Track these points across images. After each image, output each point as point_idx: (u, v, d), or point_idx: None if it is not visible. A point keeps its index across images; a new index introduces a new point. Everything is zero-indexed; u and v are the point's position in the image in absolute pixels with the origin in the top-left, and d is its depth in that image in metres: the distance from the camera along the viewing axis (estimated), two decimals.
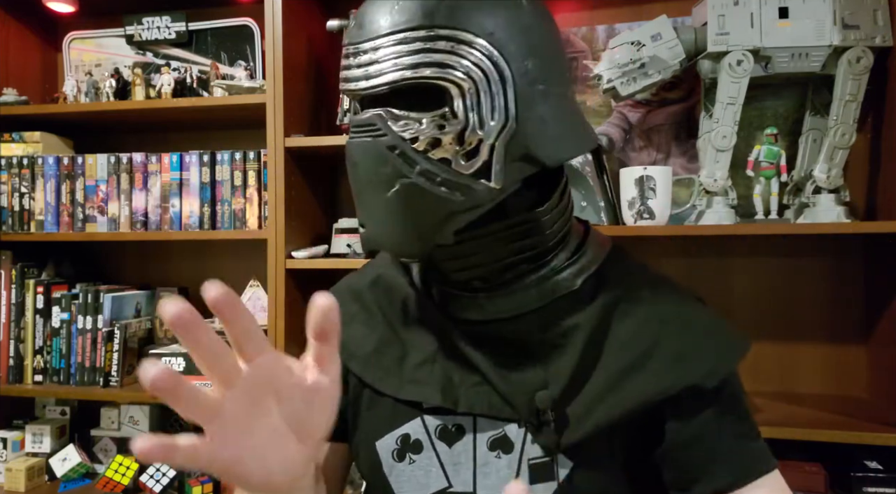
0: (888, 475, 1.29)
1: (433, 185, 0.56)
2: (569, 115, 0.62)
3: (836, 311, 1.52)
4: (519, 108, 0.57)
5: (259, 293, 1.63)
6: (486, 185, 0.57)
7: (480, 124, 0.56)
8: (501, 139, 0.57)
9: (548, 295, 0.63)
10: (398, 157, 0.57)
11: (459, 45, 0.55)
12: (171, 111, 1.64)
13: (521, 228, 0.61)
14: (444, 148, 0.56)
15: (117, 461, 1.63)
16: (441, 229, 0.58)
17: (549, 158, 0.59)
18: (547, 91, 0.59)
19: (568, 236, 0.66)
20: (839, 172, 1.35)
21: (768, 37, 1.34)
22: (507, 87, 0.56)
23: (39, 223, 1.73)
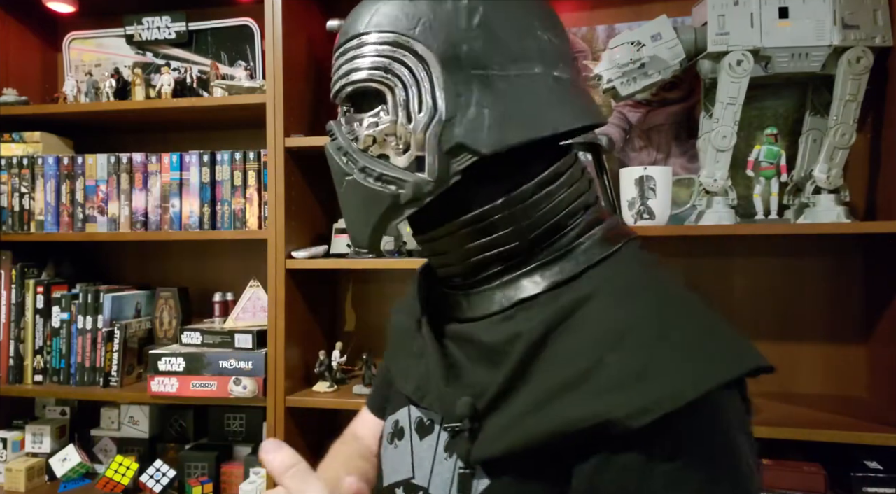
0: (888, 475, 1.29)
1: (371, 181, 0.59)
2: (524, 97, 0.58)
3: (836, 311, 1.52)
4: (447, 98, 0.57)
5: (259, 293, 1.64)
6: (421, 178, 0.57)
7: (408, 119, 0.58)
8: (431, 131, 0.57)
9: (509, 299, 0.60)
10: (344, 157, 0.62)
11: (383, 47, 0.58)
12: (171, 111, 1.64)
13: (480, 225, 0.59)
14: (381, 144, 0.59)
15: (117, 461, 1.63)
16: (384, 221, 0.60)
17: (486, 146, 0.56)
18: (488, 75, 0.57)
19: (558, 234, 0.60)
20: (839, 172, 1.35)
21: (768, 37, 1.34)
22: (433, 79, 0.57)
23: (39, 223, 1.73)
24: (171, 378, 1.56)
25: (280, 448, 0.50)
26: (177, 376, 1.56)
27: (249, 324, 1.62)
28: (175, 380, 1.56)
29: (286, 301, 1.51)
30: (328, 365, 1.56)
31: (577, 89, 0.62)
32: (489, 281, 0.61)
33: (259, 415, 1.74)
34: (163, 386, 1.56)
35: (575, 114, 0.60)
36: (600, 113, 0.64)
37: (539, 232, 0.59)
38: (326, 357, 1.57)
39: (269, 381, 1.51)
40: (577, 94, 0.62)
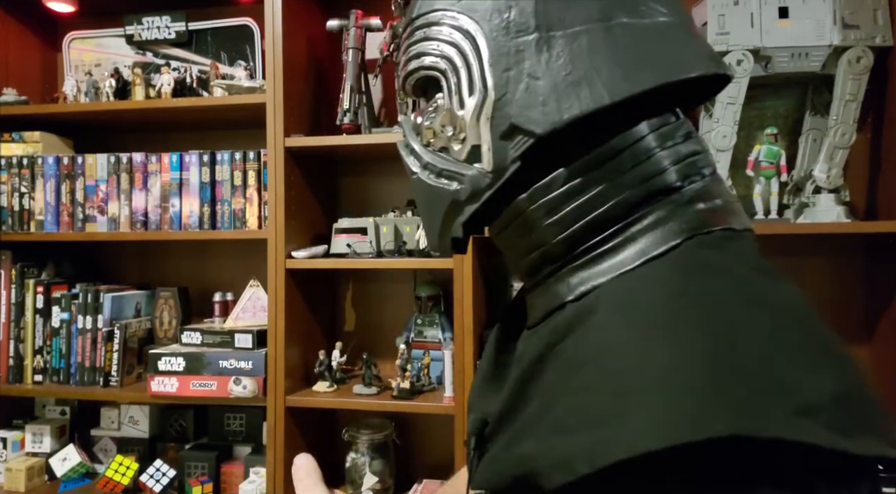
0: (888, 475, 1.29)
1: (434, 177, 0.53)
2: (591, 56, 0.46)
3: (836, 311, 1.52)
4: (496, 73, 0.48)
5: (259, 293, 1.64)
6: (479, 169, 0.50)
7: (461, 104, 0.50)
8: (483, 114, 0.49)
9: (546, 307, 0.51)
10: (410, 155, 0.56)
11: (430, 28, 0.52)
12: (171, 111, 1.64)
13: (517, 221, 0.52)
14: (440, 137, 0.53)
15: (117, 461, 1.63)
16: (447, 222, 0.53)
17: (539, 124, 0.46)
18: (544, 38, 0.47)
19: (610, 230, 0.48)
20: (839, 172, 1.35)
21: (768, 37, 1.34)
22: (481, 54, 0.49)
23: (39, 223, 1.73)
24: (171, 378, 1.56)
25: (307, 460, 0.58)
26: (177, 376, 1.56)
27: (249, 324, 1.62)
28: (175, 380, 1.56)
29: (286, 301, 1.51)
30: (328, 364, 1.56)
31: (681, 33, 0.48)
32: (539, 286, 0.53)
33: (259, 415, 1.74)
34: (163, 386, 1.56)
35: (668, 65, 0.46)
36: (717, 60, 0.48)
37: (576, 228, 0.48)
38: (326, 357, 1.57)
39: (269, 381, 1.51)
40: (677, 39, 0.48)
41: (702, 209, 0.46)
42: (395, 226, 1.54)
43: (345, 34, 1.57)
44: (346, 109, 1.52)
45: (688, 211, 0.46)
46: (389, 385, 1.52)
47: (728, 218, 0.47)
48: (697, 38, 0.49)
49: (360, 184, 1.80)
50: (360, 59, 1.56)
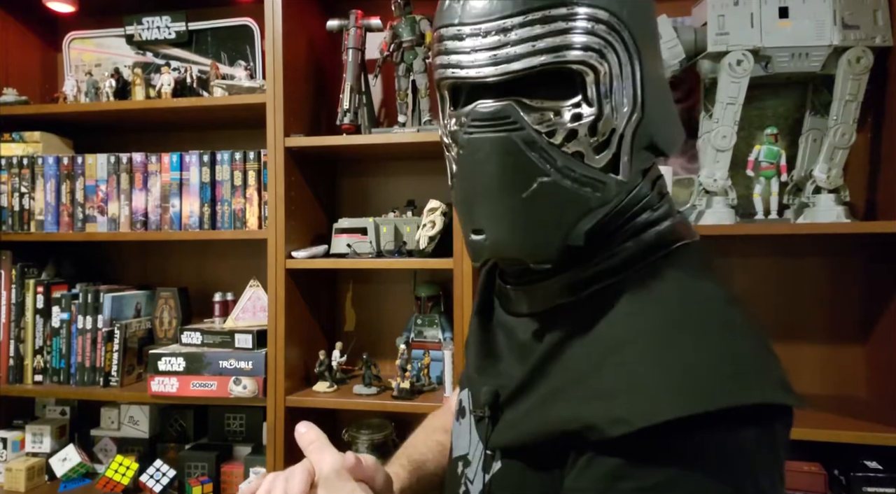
0: (888, 475, 1.29)
1: (571, 182, 0.52)
2: (669, 101, 0.59)
3: (835, 311, 1.52)
4: (646, 92, 0.53)
5: (259, 293, 1.63)
6: (615, 179, 0.53)
7: (614, 113, 0.51)
8: (630, 127, 0.52)
9: (548, 302, 0.58)
10: (536, 153, 0.52)
11: (598, 25, 0.50)
12: (171, 111, 1.64)
13: None
14: (580, 140, 0.51)
15: (117, 461, 1.63)
16: (574, 229, 0.53)
17: (670, 146, 0.56)
18: (659, 72, 0.56)
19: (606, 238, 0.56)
20: (839, 172, 1.35)
21: (768, 37, 1.34)
22: (635, 69, 0.52)
23: (39, 223, 1.73)
24: (171, 378, 1.56)
25: (310, 426, 0.59)
26: (177, 376, 1.56)
27: (249, 324, 1.62)
28: (175, 380, 1.56)
29: (286, 301, 1.51)
30: (328, 364, 1.56)
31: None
32: (535, 281, 0.59)
33: (259, 415, 1.74)
34: (163, 386, 1.56)
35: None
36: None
37: None
38: (326, 357, 1.57)
39: (269, 381, 1.51)
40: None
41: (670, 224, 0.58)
42: (395, 226, 1.54)
43: (345, 34, 1.57)
44: (345, 109, 1.52)
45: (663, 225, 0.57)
46: (389, 385, 1.52)
47: (690, 230, 0.60)
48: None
49: (360, 184, 1.80)
50: (360, 60, 1.56)
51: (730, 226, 1.38)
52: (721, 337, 0.49)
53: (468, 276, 1.40)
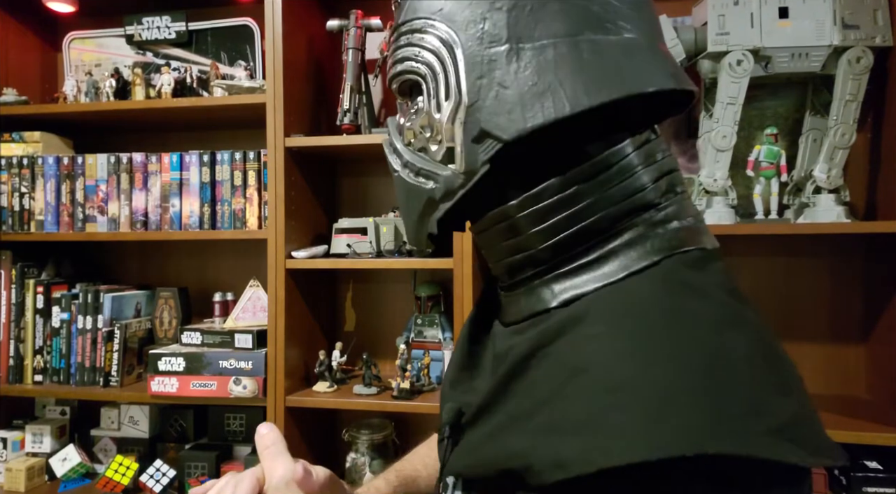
0: (888, 475, 1.29)
1: (413, 176, 0.57)
2: (551, 69, 0.49)
3: (835, 311, 1.52)
4: (469, 80, 0.51)
5: (259, 293, 1.63)
6: (453, 170, 0.53)
7: (438, 108, 0.53)
8: (457, 118, 0.52)
9: (527, 310, 0.54)
10: (393, 153, 0.59)
11: (413, 35, 0.55)
12: (171, 111, 1.64)
13: (502, 225, 0.54)
14: (419, 138, 0.56)
15: (117, 461, 1.63)
16: (424, 218, 0.57)
17: (505, 131, 0.49)
18: (514, 49, 0.50)
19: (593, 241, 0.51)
20: (839, 172, 1.35)
21: (768, 37, 1.34)
22: (457, 62, 0.52)
23: (39, 223, 1.73)
24: (171, 378, 1.56)
25: (272, 429, 0.58)
26: (177, 376, 1.56)
27: (249, 324, 1.62)
28: (175, 380, 1.56)
29: (286, 301, 1.51)
30: (328, 365, 1.56)
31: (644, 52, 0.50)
32: (520, 287, 0.56)
33: (259, 415, 1.74)
34: (163, 386, 1.56)
35: (629, 79, 0.48)
36: (678, 76, 0.51)
37: (562, 237, 0.51)
38: (326, 357, 1.57)
39: (269, 381, 1.51)
40: (639, 57, 0.50)
41: (677, 227, 0.51)
42: (395, 225, 1.54)
43: (345, 34, 1.57)
44: (346, 109, 1.52)
45: (666, 229, 0.50)
46: (389, 385, 1.52)
47: (701, 237, 0.52)
48: (660, 54, 0.51)
49: (360, 184, 1.80)
50: (360, 59, 1.56)
51: (730, 226, 1.38)
52: (706, 368, 0.41)
53: (468, 276, 1.40)
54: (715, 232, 1.46)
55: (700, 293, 0.46)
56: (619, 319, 0.45)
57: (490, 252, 0.58)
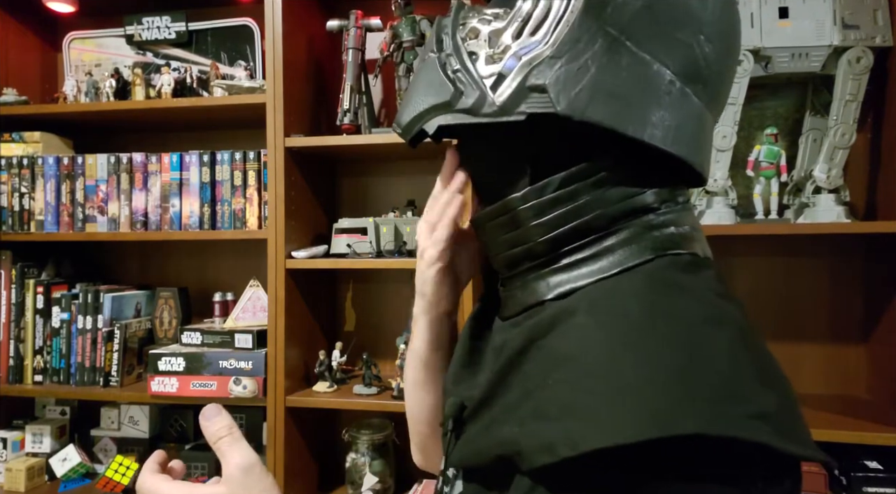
0: (888, 475, 1.29)
1: (444, 69, 0.54)
2: (636, 85, 0.49)
3: (835, 311, 1.52)
4: (569, 37, 0.49)
5: (259, 293, 1.63)
6: (489, 95, 0.51)
7: (518, 33, 0.51)
8: (528, 58, 0.50)
9: (523, 303, 0.55)
10: (445, 35, 0.56)
11: None
12: (171, 111, 1.64)
13: (504, 217, 0.54)
14: (479, 42, 0.53)
15: (117, 461, 1.63)
16: (431, 114, 0.55)
17: (566, 104, 0.48)
18: (620, 42, 0.49)
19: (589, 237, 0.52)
20: (839, 172, 1.35)
21: (768, 37, 1.34)
22: (568, 10, 0.50)
23: (39, 223, 1.73)
24: (171, 378, 1.56)
25: (219, 413, 0.54)
26: (177, 376, 1.56)
27: (249, 324, 1.62)
28: (175, 380, 1.56)
29: (286, 301, 1.51)
30: (328, 365, 1.56)
31: (701, 123, 0.52)
32: (518, 280, 0.56)
33: (259, 415, 1.74)
34: (163, 386, 1.56)
35: (675, 138, 0.50)
36: (705, 162, 0.54)
37: (561, 232, 0.52)
38: (326, 357, 1.57)
39: (269, 381, 1.51)
40: (695, 125, 0.51)
41: (672, 232, 0.51)
42: (395, 225, 1.54)
43: (345, 34, 1.57)
44: (346, 109, 1.52)
45: (662, 232, 0.51)
46: (389, 385, 1.52)
47: (694, 244, 0.52)
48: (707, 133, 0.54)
49: (360, 184, 1.80)
50: (360, 60, 1.56)
51: (730, 226, 1.38)
52: (688, 358, 0.41)
53: None
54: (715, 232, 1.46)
55: (686, 291, 0.47)
56: (604, 312, 0.47)
57: (490, 245, 0.58)
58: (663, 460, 0.39)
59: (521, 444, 0.43)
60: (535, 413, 0.44)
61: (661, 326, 0.44)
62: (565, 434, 0.40)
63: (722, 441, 0.38)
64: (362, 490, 1.54)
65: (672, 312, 0.45)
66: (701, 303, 0.46)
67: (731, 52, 0.54)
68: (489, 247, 0.59)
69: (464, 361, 0.63)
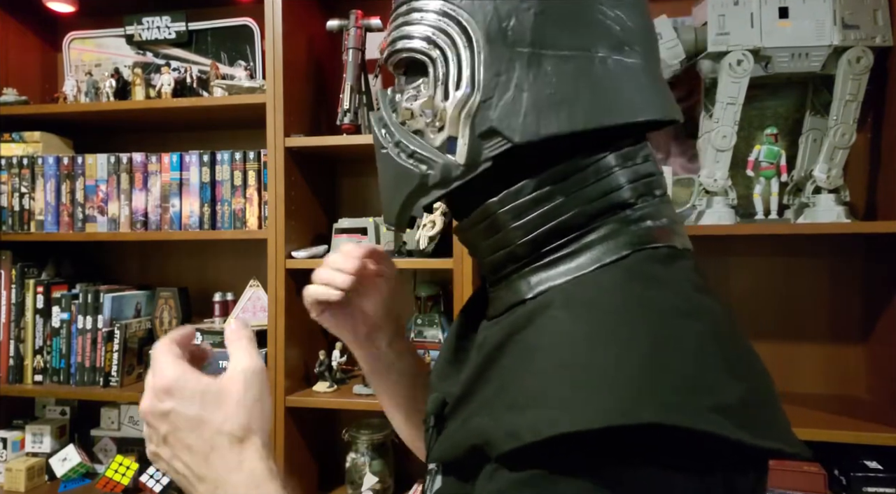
0: (888, 475, 1.29)
1: (404, 157, 0.56)
2: (572, 82, 0.50)
3: (835, 311, 1.52)
4: (487, 76, 0.51)
5: (259, 293, 1.63)
6: (451, 161, 0.53)
7: (445, 95, 0.53)
8: (465, 111, 0.52)
9: (506, 302, 0.56)
10: (383, 129, 0.58)
11: (427, 14, 0.54)
12: (171, 111, 1.64)
13: (486, 222, 0.55)
14: (416, 119, 0.56)
15: (117, 461, 1.63)
16: (410, 201, 0.57)
17: (519, 133, 0.50)
18: (536, 54, 0.50)
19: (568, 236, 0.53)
20: (839, 172, 1.35)
21: (768, 37, 1.34)
22: (475, 54, 0.51)
23: (39, 223, 1.73)
24: None
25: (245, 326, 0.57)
26: None
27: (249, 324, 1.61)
28: None
29: (286, 301, 1.51)
30: (328, 365, 1.56)
31: (646, 78, 0.53)
32: (502, 282, 0.57)
33: None
34: None
35: (633, 106, 0.51)
36: (669, 107, 0.54)
37: (539, 233, 0.53)
38: (326, 357, 1.57)
39: (269, 381, 1.51)
40: (642, 83, 0.52)
41: (650, 226, 0.52)
42: None
43: (345, 34, 1.57)
44: (346, 109, 1.52)
45: (639, 226, 0.52)
46: None
47: (672, 237, 0.53)
48: (660, 81, 0.55)
49: (360, 184, 1.80)
50: (360, 59, 1.56)
51: (730, 226, 1.38)
52: (655, 349, 0.42)
53: (468, 276, 1.40)
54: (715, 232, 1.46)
55: (662, 284, 0.48)
56: (579, 305, 0.48)
57: (475, 251, 0.59)
58: (626, 447, 0.40)
59: (490, 433, 0.44)
60: (507, 403, 0.45)
61: (634, 317, 0.45)
62: (532, 421, 0.41)
63: (684, 431, 0.38)
64: (362, 489, 1.54)
65: (646, 304, 0.46)
66: (676, 296, 0.47)
67: (638, 3, 0.55)
68: (473, 254, 0.60)
69: (449, 359, 0.64)
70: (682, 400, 0.39)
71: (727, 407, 0.40)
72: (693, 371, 0.41)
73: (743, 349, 0.46)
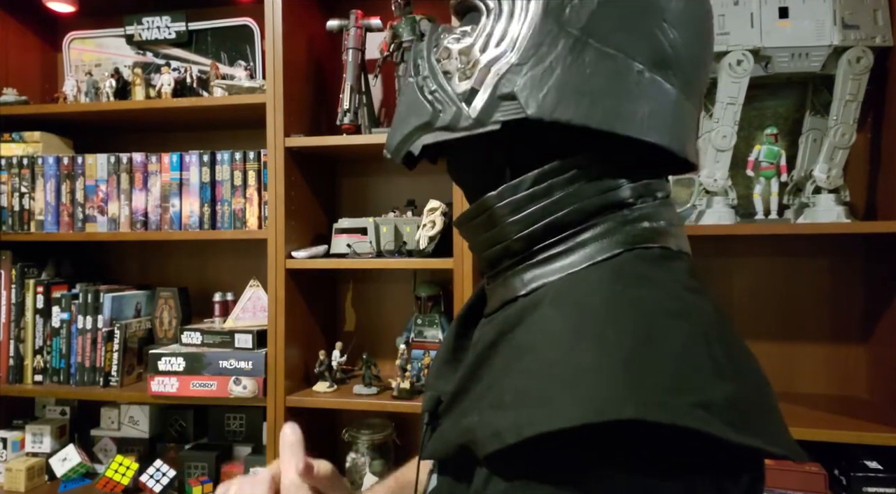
0: (888, 475, 1.29)
1: (422, 92, 0.56)
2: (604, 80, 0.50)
3: (836, 311, 1.52)
4: (531, 42, 0.51)
5: (259, 293, 1.63)
6: (465, 111, 0.53)
7: (485, 47, 0.53)
8: (496, 68, 0.52)
9: (500, 299, 0.56)
10: (419, 60, 0.58)
11: None
12: (171, 111, 1.64)
13: (481, 217, 0.55)
14: (451, 61, 0.55)
15: (117, 461, 1.63)
16: (413, 135, 0.57)
17: (534, 107, 0.50)
18: (582, 41, 0.50)
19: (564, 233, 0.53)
20: (839, 172, 1.35)
21: (768, 37, 1.34)
22: (528, 18, 0.52)
23: (39, 223, 1.73)
24: (171, 378, 1.56)
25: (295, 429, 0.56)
26: (177, 376, 1.56)
27: (249, 324, 1.62)
28: (175, 380, 1.56)
29: (286, 301, 1.51)
30: (328, 364, 1.56)
31: (675, 107, 0.52)
32: (499, 278, 0.57)
33: (259, 415, 1.74)
34: (163, 386, 1.56)
35: (650, 126, 0.50)
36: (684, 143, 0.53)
37: (535, 228, 0.53)
38: (326, 357, 1.57)
39: (269, 381, 1.51)
40: (668, 109, 0.52)
41: (646, 227, 0.52)
42: (395, 225, 1.54)
43: (345, 34, 1.57)
44: (346, 109, 1.52)
45: (635, 226, 0.51)
46: (389, 385, 1.51)
47: (667, 239, 0.53)
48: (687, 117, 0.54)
49: (360, 184, 1.80)
50: (360, 60, 1.56)
51: (730, 226, 1.38)
52: (640, 347, 0.41)
53: (468, 276, 1.40)
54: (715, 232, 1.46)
55: (652, 284, 0.47)
56: (568, 303, 0.48)
57: (475, 244, 0.59)
58: (610, 447, 0.39)
59: (477, 432, 0.44)
60: (493, 402, 0.45)
61: (621, 316, 0.44)
62: (514, 421, 0.41)
63: (671, 431, 0.38)
64: (362, 489, 1.54)
65: (634, 303, 0.45)
66: (666, 295, 0.46)
67: (701, 35, 0.55)
68: (473, 248, 0.60)
69: (447, 358, 0.65)
70: (665, 398, 0.39)
71: (712, 405, 0.39)
72: (678, 369, 0.41)
73: (735, 350, 0.45)
